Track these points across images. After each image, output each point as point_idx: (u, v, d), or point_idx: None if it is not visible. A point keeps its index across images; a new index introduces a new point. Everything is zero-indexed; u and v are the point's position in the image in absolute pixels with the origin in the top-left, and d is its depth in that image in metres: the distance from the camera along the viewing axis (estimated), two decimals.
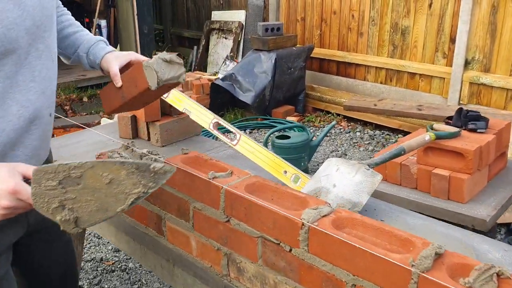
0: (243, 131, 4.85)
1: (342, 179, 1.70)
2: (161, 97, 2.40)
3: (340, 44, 5.40)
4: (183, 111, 2.29)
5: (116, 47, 6.94)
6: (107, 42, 1.62)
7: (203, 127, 2.21)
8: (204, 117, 2.22)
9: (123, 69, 1.49)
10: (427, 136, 2.16)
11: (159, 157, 1.69)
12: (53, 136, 4.86)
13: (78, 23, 1.64)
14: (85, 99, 6.09)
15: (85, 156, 2.23)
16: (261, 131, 4.84)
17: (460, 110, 2.45)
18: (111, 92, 1.52)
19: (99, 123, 5.28)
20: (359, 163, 1.76)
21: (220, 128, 2.17)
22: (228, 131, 2.47)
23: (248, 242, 1.29)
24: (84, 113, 5.66)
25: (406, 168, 2.30)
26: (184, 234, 1.51)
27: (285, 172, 1.93)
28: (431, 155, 2.23)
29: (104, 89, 1.59)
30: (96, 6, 6.98)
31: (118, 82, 1.46)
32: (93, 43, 1.54)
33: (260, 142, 4.43)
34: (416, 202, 2.20)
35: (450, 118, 2.51)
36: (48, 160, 1.44)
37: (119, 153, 1.73)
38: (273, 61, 4.81)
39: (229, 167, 1.47)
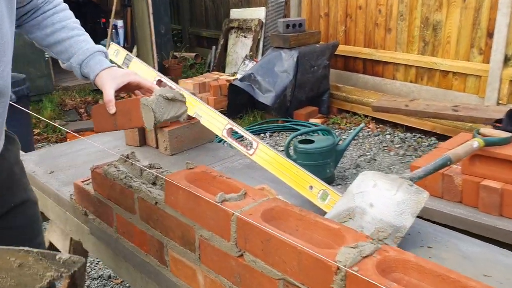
0: (262, 134, 4.57)
1: (381, 197, 1.42)
2: None
3: (367, 40, 5.09)
4: (194, 116, 2.04)
5: (133, 48, 6.76)
6: (106, 53, 1.40)
7: (216, 133, 1.95)
8: (217, 122, 1.96)
9: (120, 91, 1.37)
10: (475, 142, 1.85)
11: (162, 171, 1.43)
12: (65, 140, 4.62)
13: (74, 25, 1.39)
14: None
15: (84, 167, 1.99)
16: (282, 135, 4.56)
17: (511, 112, 2.13)
18: (104, 113, 1.35)
19: None
20: (401, 178, 1.47)
21: (234, 134, 1.91)
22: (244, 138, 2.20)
23: (266, 284, 1.02)
24: None
25: (449, 179, 2.00)
26: (189, 266, 1.24)
27: (311, 187, 1.65)
28: (478, 164, 1.92)
29: (96, 107, 1.42)
30: (112, 6, 6.80)
31: (112, 109, 1.30)
32: (88, 54, 1.34)
33: (281, 146, 4.15)
34: (461, 218, 1.90)
35: (499, 121, 2.19)
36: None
37: (116, 167, 1.48)
38: (294, 59, 4.52)
39: (242, 186, 1.20)
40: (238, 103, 4.87)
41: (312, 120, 4.73)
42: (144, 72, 2.30)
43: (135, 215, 1.41)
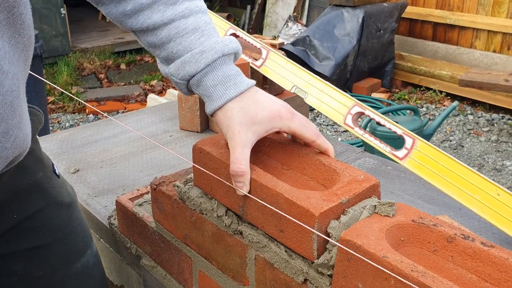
0: (316, 111, 3.84)
1: None
2: (252, 65, 1.46)
3: (440, 1, 4.28)
4: (292, 91, 1.34)
5: None
6: (238, 51, 0.73)
7: (334, 120, 1.25)
8: (334, 103, 1.26)
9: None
10: None
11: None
12: (84, 110, 3.96)
13: None
14: (122, 66, 5.21)
15: (124, 164, 1.31)
16: None
17: None
18: (220, 172, 0.72)
19: (139, 95, 4.39)
20: None
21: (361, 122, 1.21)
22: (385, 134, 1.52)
23: None
24: (122, 83, 4.79)
25: None
26: None
27: None
28: None
29: (204, 152, 0.74)
30: None
31: (242, 188, 0.67)
32: (203, 66, 0.69)
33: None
34: None
35: None
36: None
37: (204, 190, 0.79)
38: (359, 21, 3.75)
39: None
40: None
41: (374, 95, 4.00)
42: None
43: None
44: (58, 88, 1.41)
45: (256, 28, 5.85)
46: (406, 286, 0.50)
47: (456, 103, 2.88)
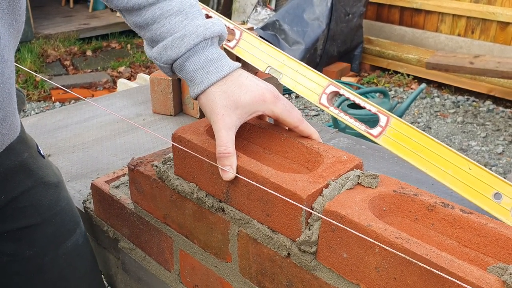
0: (287, 95, 3.86)
1: None
2: (226, 46, 1.44)
3: None
4: (266, 72, 1.34)
5: None
6: (223, 34, 0.72)
7: (309, 100, 1.26)
8: (309, 83, 1.27)
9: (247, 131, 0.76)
10: None
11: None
12: (50, 98, 3.86)
13: None
14: (88, 52, 5.08)
15: (96, 148, 1.29)
16: None
17: None
18: (202, 156, 0.70)
19: (107, 82, 4.31)
20: None
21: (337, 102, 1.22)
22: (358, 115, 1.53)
23: None
24: (89, 70, 4.68)
25: None
26: None
27: (498, 195, 0.99)
28: None
29: (184, 139, 0.72)
30: None
31: (227, 172, 0.65)
32: (185, 50, 0.69)
33: (313, 110, 3.48)
34: None
35: None
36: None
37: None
38: (328, 5, 3.77)
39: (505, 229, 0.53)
40: None
41: (343, 79, 4.03)
42: None
43: (227, 264, 0.74)
44: (25, 69, 1.36)
45: (225, 13, 5.79)
46: (390, 253, 0.51)
47: (423, 85, 2.94)
